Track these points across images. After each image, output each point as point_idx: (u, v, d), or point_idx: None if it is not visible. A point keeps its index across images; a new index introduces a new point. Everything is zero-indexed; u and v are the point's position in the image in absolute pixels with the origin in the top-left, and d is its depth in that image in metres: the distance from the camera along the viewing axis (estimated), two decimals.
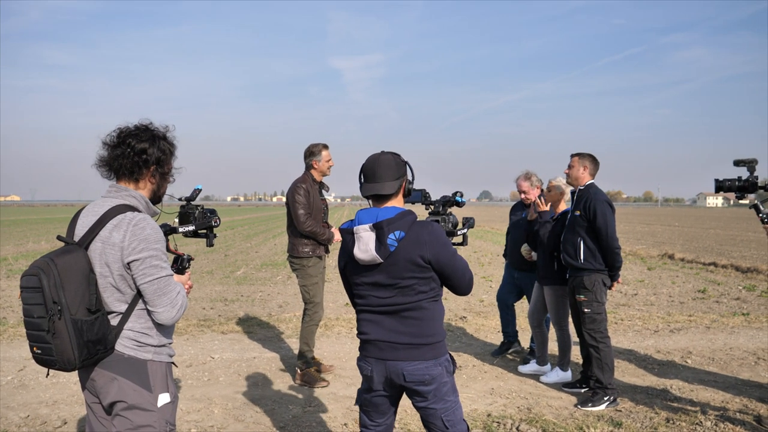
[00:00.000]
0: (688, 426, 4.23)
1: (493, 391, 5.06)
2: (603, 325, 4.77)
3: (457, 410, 2.65)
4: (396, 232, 2.45)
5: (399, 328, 2.55)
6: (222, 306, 9.21)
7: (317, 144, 5.39)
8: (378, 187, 2.55)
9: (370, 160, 2.61)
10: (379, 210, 2.55)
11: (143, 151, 2.34)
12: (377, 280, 2.54)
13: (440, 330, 2.61)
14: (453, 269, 2.54)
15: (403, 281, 2.50)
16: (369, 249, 2.46)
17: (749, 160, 3.89)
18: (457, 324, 7.77)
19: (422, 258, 2.47)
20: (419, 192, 2.97)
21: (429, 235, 2.49)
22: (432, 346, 2.56)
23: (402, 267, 2.48)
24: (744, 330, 7.46)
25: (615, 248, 4.66)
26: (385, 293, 2.55)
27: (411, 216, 2.52)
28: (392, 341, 2.55)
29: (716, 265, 14.29)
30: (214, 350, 6.40)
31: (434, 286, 2.57)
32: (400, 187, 2.60)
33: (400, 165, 2.61)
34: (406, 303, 2.53)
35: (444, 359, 2.61)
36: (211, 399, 4.85)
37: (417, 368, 2.54)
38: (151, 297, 2.25)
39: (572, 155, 4.91)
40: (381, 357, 2.59)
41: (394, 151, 2.66)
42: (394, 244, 2.45)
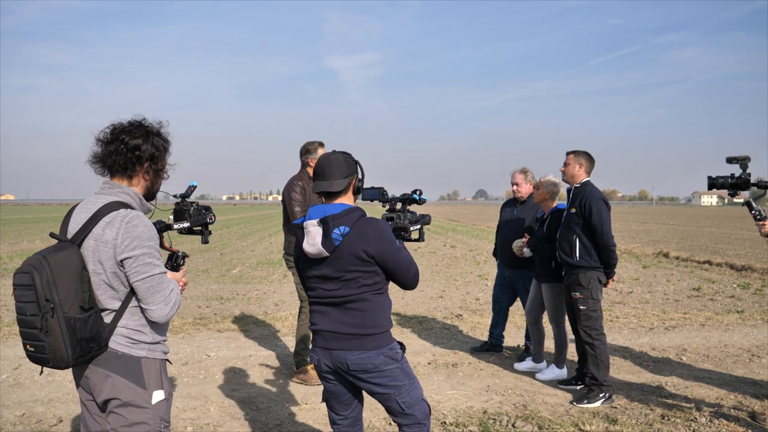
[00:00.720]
0: (683, 422, 4.25)
1: (489, 389, 5.07)
2: (598, 322, 4.78)
3: (413, 391, 2.75)
4: (341, 227, 2.56)
5: (343, 319, 2.66)
6: (218, 304, 9.20)
7: (313, 142, 5.40)
8: (327, 185, 2.66)
9: (321, 159, 2.72)
10: (327, 206, 2.66)
11: (137, 147, 2.33)
12: (324, 273, 2.65)
13: (384, 321, 2.71)
14: (396, 264, 2.64)
15: (348, 274, 2.61)
16: (316, 243, 2.58)
17: (742, 158, 3.89)
18: (452, 322, 7.78)
19: (365, 252, 2.57)
20: (377, 190, 3.05)
21: (373, 231, 2.59)
22: (374, 337, 2.66)
23: (346, 260, 2.59)
24: (738, 327, 7.50)
25: (610, 246, 4.67)
26: (332, 285, 2.66)
27: (357, 212, 2.63)
28: (337, 331, 2.67)
29: (711, 264, 14.35)
30: (210, 348, 6.39)
31: (378, 280, 2.66)
32: (350, 185, 2.70)
33: (350, 164, 2.71)
34: (350, 295, 2.64)
35: (387, 349, 2.69)
36: (207, 397, 4.85)
37: (359, 357, 2.64)
38: (144, 294, 2.25)
39: (568, 153, 4.93)
40: (327, 347, 2.70)
41: (345, 151, 2.76)
42: (339, 239, 2.56)
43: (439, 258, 16.18)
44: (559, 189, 5.32)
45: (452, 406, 4.63)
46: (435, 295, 10.11)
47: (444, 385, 5.19)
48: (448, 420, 4.32)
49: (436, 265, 14.61)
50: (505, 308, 6.25)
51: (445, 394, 4.94)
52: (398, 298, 9.74)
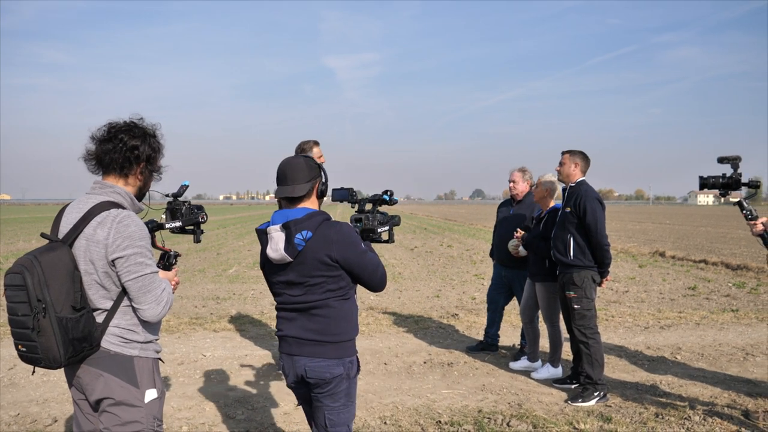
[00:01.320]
0: (677, 421, 4.26)
1: (484, 388, 5.08)
2: (592, 321, 4.80)
3: (343, 414, 2.66)
4: (303, 231, 2.50)
5: (307, 325, 2.61)
6: (214, 304, 9.19)
7: (308, 141, 5.39)
8: (288, 190, 2.59)
9: (282, 164, 2.65)
10: (289, 211, 2.60)
11: (135, 147, 2.34)
12: (289, 279, 2.60)
13: (348, 330, 2.64)
14: (361, 267, 2.58)
15: (312, 279, 2.56)
16: (279, 248, 2.52)
17: (733, 157, 3.89)
18: (448, 321, 7.79)
19: (329, 257, 2.52)
20: (346, 190, 3.02)
21: (336, 234, 2.54)
22: (336, 345, 2.60)
23: (310, 266, 2.54)
24: (733, 326, 7.52)
25: (604, 245, 4.69)
26: (296, 291, 2.60)
27: (319, 216, 2.56)
28: (299, 337, 2.61)
29: (706, 263, 14.39)
30: (206, 348, 6.39)
31: (344, 285, 2.60)
32: (312, 189, 2.64)
33: (312, 168, 2.64)
34: (314, 301, 2.58)
35: (348, 360, 2.64)
36: (202, 397, 4.85)
37: (318, 365, 2.58)
38: (136, 294, 2.26)
39: (563, 152, 4.94)
40: (290, 353, 2.65)
41: (307, 155, 2.70)
42: (302, 244, 2.50)
43: (436, 257, 16.19)
44: (557, 187, 5.33)
45: (447, 405, 4.64)
46: (431, 295, 10.12)
47: (439, 384, 5.20)
48: (443, 419, 4.33)
49: (433, 264, 14.62)
50: (500, 308, 6.27)
51: (441, 393, 4.95)
52: (394, 298, 9.75)
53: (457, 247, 19.55)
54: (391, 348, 6.41)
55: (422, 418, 4.38)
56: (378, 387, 5.11)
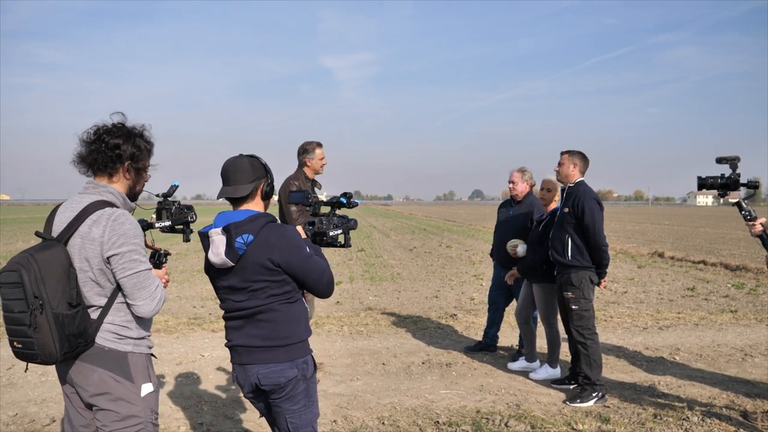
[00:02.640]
0: (675, 422, 4.26)
1: (482, 388, 5.08)
2: (591, 321, 4.79)
3: (305, 415, 2.62)
4: (244, 235, 2.43)
5: (253, 332, 2.54)
6: (213, 304, 9.19)
7: (311, 142, 5.39)
8: (230, 191, 2.52)
9: (225, 164, 2.58)
10: (231, 213, 2.54)
11: (117, 146, 2.38)
12: (232, 284, 2.53)
13: (297, 332, 2.57)
14: (306, 272, 2.51)
15: (255, 284, 2.49)
16: (219, 253, 2.46)
17: (731, 158, 3.88)
18: (447, 322, 7.79)
19: (271, 261, 2.45)
20: (302, 193, 2.92)
21: (278, 238, 2.46)
22: (287, 348, 2.54)
23: (252, 270, 2.47)
24: (732, 327, 7.52)
25: (602, 246, 4.68)
26: (239, 297, 2.54)
27: (262, 219, 2.49)
28: (248, 345, 2.55)
29: (705, 263, 14.39)
30: (204, 348, 6.39)
31: (288, 289, 2.54)
32: (256, 190, 2.56)
33: (257, 168, 2.56)
34: (258, 306, 2.52)
35: (301, 361, 2.58)
36: (200, 397, 4.84)
37: (272, 371, 2.52)
38: (130, 290, 2.30)
39: (562, 152, 4.94)
40: (241, 362, 2.58)
41: (253, 154, 2.62)
42: (243, 248, 2.43)
43: (435, 258, 16.19)
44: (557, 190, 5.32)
45: (445, 406, 4.64)
46: (430, 295, 10.12)
47: (438, 384, 5.19)
48: (441, 419, 4.32)
49: (432, 265, 14.62)
50: (501, 308, 6.26)
51: (439, 393, 4.94)
52: (393, 298, 9.75)
53: (456, 247, 19.55)
54: (390, 348, 6.40)
55: (420, 418, 4.38)
56: (376, 387, 5.10)
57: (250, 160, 2.56)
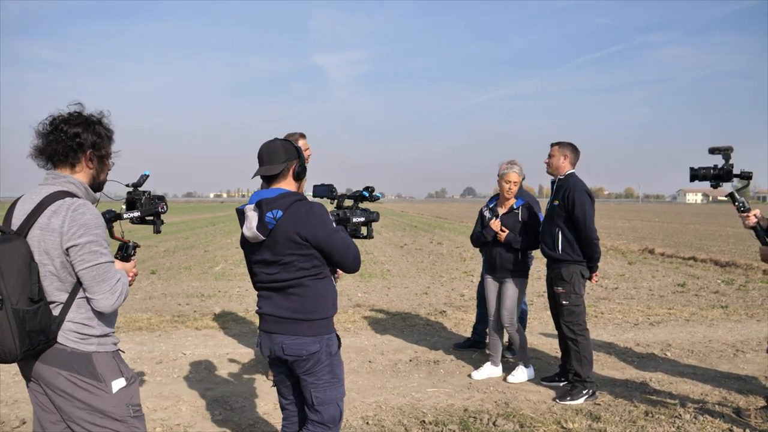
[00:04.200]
0: (667, 419, 4.15)
1: (470, 386, 4.96)
2: (581, 317, 4.67)
3: (330, 391, 2.72)
4: (274, 210, 2.55)
5: (283, 304, 2.66)
6: (198, 302, 9.03)
7: (294, 133, 5.26)
8: (263, 170, 2.68)
9: (261, 147, 2.72)
10: (264, 191, 2.68)
11: (77, 135, 2.28)
12: (264, 257, 2.65)
13: (323, 308, 2.68)
14: (332, 246, 2.61)
15: (285, 258, 2.60)
16: (252, 227, 2.59)
17: (724, 148, 3.77)
18: (436, 318, 7.66)
19: (299, 235, 2.56)
20: (327, 187, 3.02)
21: (307, 213, 2.58)
22: (311, 323, 2.65)
23: (282, 244, 2.58)
24: (723, 323, 7.45)
25: (593, 239, 4.56)
26: (271, 270, 2.65)
27: (293, 196, 2.61)
28: (277, 315, 2.67)
29: (695, 260, 14.35)
30: (187, 346, 6.23)
31: (317, 264, 2.64)
32: (288, 170, 2.69)
33: (289, 150, 2.70)
34: (288, 279, 2.63)
35: (326, 337, 2.69)
36: (179, 396, 4.69)
37: (295, 342, 2.64)
38: (89, 284, 2.20)
39: (552, 144, 4.82)
40: (267, 330, 2.72)
41: (286, 138, 2.85)
42: (273, 223, 2.55)
43: (425, 255, 16.08)
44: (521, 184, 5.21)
45: (432, 404, 4.51)
46: (420, 292, 9.99)
47: (425, 382, 5.06)
48: (428, 419, 4.19)
49: (422, 261, 14.50)
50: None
51: (426, 392, 4.81)
52: (383, 295, 9.62)
53: (447, 244, 19.45)
54: (377, 346, 6.27)
55: (406, 417, 4.24)
56: (362, 386, 4.97)
57: (283, 143, 2.71)
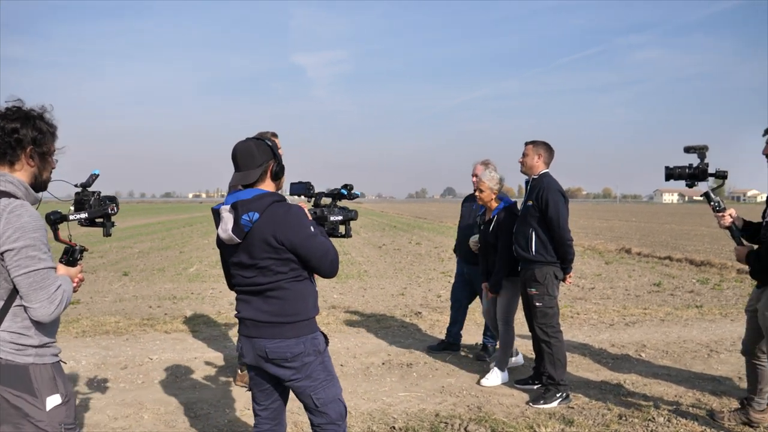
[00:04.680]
0: (641, 422, 4.09)
1: (443, 390, 4.86)
2: (555, 319, 4.60)
3: (329, 388, 2.69)
4: (250, 213, 2.47)
5: (263, 307, 2.60)
6: (170, 304, 8.83)
7: (266, 132, 5.12)
8: (241, 177, 2.58)
9: (234, 150, 2.61)
10: (240, 192, 2.58)
11: (15, 131, 2.13)
12: (241, 260, 2.59)
13: (304, 310, 2.63)
14: (309, 251, 2.54)
15: (261, 261, 2.53)
16: (227, 229, 2.52)
17: (699, 147, 3.72)
18: (411, 320, 7.56)
19: (275, 238, 2.49)
20: (304, 184, 2.92)
21: (284, 216, 2.50)
22: (293, 325, 2.59)
23: (258, 248, 2.51)
24: (697, 322, 7.45)
25: (567, 240, 4.49)
26: (248, 273, 2.59)
27: (269, 198, 2.52)
28: (256, 319, 2.61)
29: (671, 259, 14.46)
30: (154, 351, 6.05)
31: (294, 267, 2.58)
32: (266, 172, 2.60)
33: (264, 150, 2.59)
34: (267, 283, 2.57)
35: (309, 338, 2.63)
36: (142, 403, 4.52)
37: (278, 345, 2.58)
38: (26, 291, 2.05)
39: (526, 143, 4.74)
40: (248, 335, 2.65)
41: (258, 137, 2.64)
42: (249, 225, 2.48)
43: (404, 255, 16.00)
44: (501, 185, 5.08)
45: (403, 409, 4.40)
46: (396, 293, 9.89)
47: (397, 386, 4.95)
48: (398, 424, 4.08)
49: (400, 262, 14.41)
50: (464, 306, 6.05)
51: (398, 396, 4.70)
52: (358, 296, 9.51)
53: (425, 244, 19.38)
54: (350, 348, 6.15)
55: (375, 423, 4.13)
56: None
57: (257, 143, 2.59)
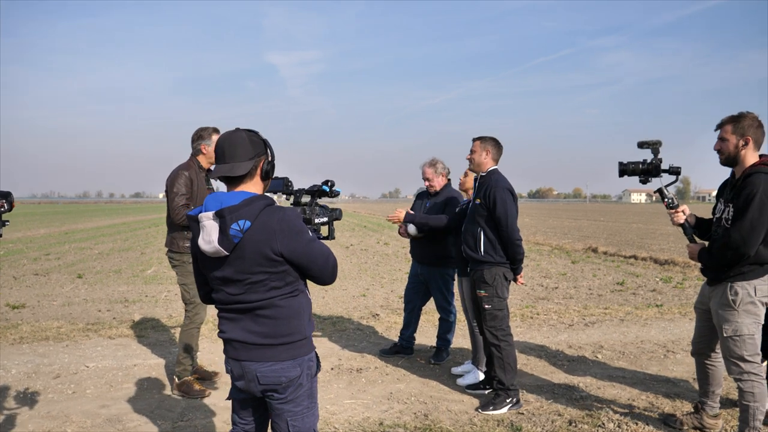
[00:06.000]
0: (590, 429, 3.94)
1: (391, 396, 4.66)
2: (505, 321, 4.43)
3: (308, 417, 2.40)
4: (240, 221, 2.15)
5: (252, 328, 2.29)
6: (120, 308, 8.48)
7: (207, 127, 4.89)
8: (227, 168, 2.24)
9: (220, 139, 2.30)
10: (225, 195, 2.24)
11: None
12: (225, 275, 2.26)
13: (300, 328, 2.34)
14: (310, 259, 2.27)
15: (253, 276, 2.22)
16: (212, 240, 2.18)
17: (653, 142, 3.66)
18: (368, 322, 7.35)
19: (272, 250, 2.19)
20: (281, 180, 2.67)
21: (279, 222, 2.19)
22: (289, 346, 2.31)
23: (250, 261, 2.20)
24: (656, 322, 7.39)
25: (515, 239, 4.32)
26: (235, 290, 2.27)
27: (260, 202, 2.21)
28: (245, 341, 2.30)
29: (636, 258, 14.52)
30: (93, 358, 5.74)
31: (291, 281, 2.29)
32: (256, 168, 2.30)
33: (256, 143, 2.30)
34: (257, 301, 2.26)
35: (306, 359, 2.36)
36: (68, 416, 4.23)
37: (271, 370, 2.30)
38: None
39: (474, 139, 4.56)
40: (236, 357, 2.35)
41: (251, 129, 2.33)
42: (239, 235, 2.16)
43: (370, 255, 15.79)
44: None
45: (347, 418, 4.19)
46: (357, 294, 9.68)
47: (343, 393, 4.74)
48: None
49: (366, 262, 14.20)
50: (417, 308, 5.86)
51: (343, 404, 4.49)
52: (318, 298, 9.26)
53: (393, 245, 19.22)
54: None
55: None
56: None
57: (249, 134, 2.31)
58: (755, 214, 3.36)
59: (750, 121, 3.49)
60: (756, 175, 3.41)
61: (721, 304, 3.54)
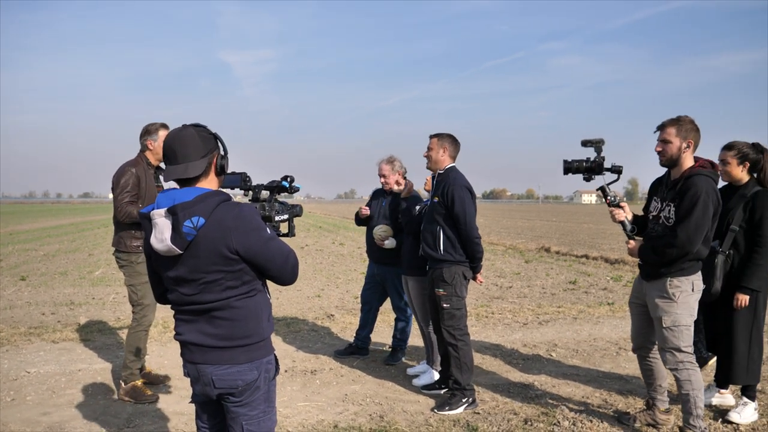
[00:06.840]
0: (546, 427, 3.95)
1: (346, 398, 4.58)
2: (462, 321, 4.41)
3: (264, 422, 2.32)
4: (194, 218, 2.06)
5: (208, 330, 2.21)
6: (66, 310, 8.14)
7: (154, 123, 4.73)
8: (181, 170, 2.15)
9: (168, 138, 2.20)
10: (177, 192, 2.16)
11: None
12: (179, 275, 2.17)
13: (258, 330, 2.24)
14: (268, 258, 2.17)
15: (208, 276, 2.14)
16: (164, 238, 2.09)
17: (596, 141, 3.75)
18: (323, 323, 7.25)
19: (228, 248, 2.10)
20: (238, 176, 2.55)
21: (235, 219, 2.11)
22: (246, 348, 2.22)
23: (205, 259, 2.11)
24: (608, 320, 7.53)
25: (474, 237, 4.30)
26: (189, 290, 2.18)
27: (214, 198, 2.12)
28: (201, 343, 2.22)
29: (588, 257, 14.82)
30: (35, 363, 5.47)
31: (248, 280, 2.20)
32: (210, 165, 2.21)
33: (207, 139, 2.21)
34: (213, 301, 2.17)
35: (264, 362, 2.27)
36: (6, 424, 4.01)
37: (227, 373, 2.21)
38: None
39: (431, 136, 4.53)
40: (192, 360, 2.27)
41: (198, 123, 2.24)
42: (192, 233, 2.07)
43: (325, 255, 15.66)
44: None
45: (300, 421, 4.09)
46: (312, 294, 9.55)
47: (297, 395, 4.64)
48: None
49: (321, 263, 14.07)
50: (374, 308, 5.80)
51: (296, 406, 4.39)
52: (272, 298, 9.01)
53: (349, 245, 19.11)
54: None
55: None
56: None
57: (198, 130, 2.20)
58: (699, 215, 3.49)
59: (690, 124, 3.62)
60: (697, 177, 3.54)
61: (661, 296, 3.66)
